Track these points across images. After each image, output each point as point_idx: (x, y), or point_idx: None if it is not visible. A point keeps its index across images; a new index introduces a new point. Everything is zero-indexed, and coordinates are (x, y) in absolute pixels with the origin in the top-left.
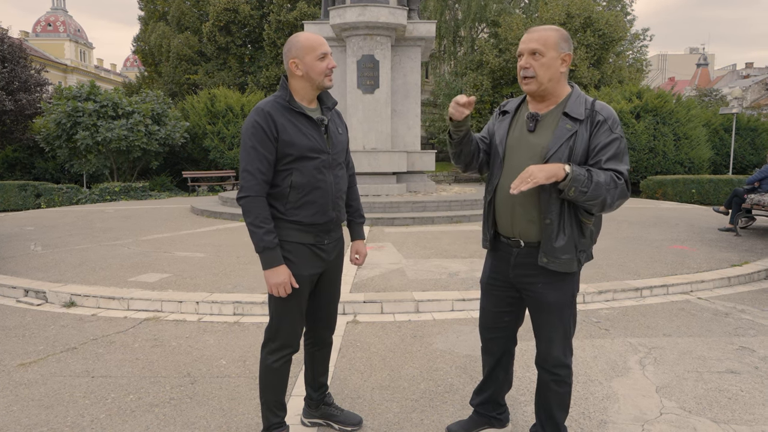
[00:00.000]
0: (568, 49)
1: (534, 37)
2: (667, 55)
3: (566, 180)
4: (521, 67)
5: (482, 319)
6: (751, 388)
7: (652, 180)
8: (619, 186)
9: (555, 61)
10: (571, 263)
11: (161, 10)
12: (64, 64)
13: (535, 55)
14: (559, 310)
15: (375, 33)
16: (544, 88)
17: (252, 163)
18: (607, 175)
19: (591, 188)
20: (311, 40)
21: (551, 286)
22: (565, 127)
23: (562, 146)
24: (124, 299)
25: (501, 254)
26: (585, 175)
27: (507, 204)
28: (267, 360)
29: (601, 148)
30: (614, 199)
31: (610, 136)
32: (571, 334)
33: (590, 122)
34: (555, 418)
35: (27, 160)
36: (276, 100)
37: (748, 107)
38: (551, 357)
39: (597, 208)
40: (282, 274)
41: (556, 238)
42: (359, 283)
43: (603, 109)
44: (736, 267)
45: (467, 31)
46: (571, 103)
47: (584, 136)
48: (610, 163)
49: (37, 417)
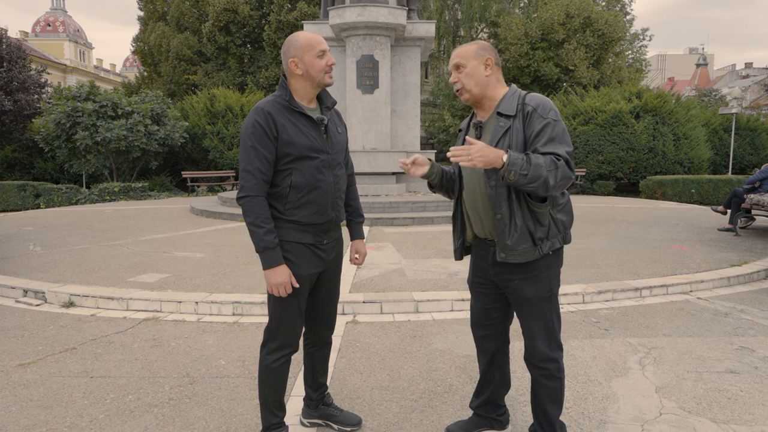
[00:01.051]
0: (488, 54)
1: (456, 53)
2: (667, 55)
3: (504, 165)
4: (452, 82)
5: (473, 317)
6: (751, 388)
7: (651, 180)
8: (560, 166)
9: (477, 68)
10: (530, 253)
11: (161, 10)
12: (64, 64)
13: (459, 68)
14: (538, 304)
15: (374, 33)
16: (475, 93)
17: (252, 162)
18: (546, 157)
19: (530, 170)
20: (309, 38)
21: (527, 281)
22: (498, 125)
23: (499, 143)
24: (123, 299)
25: (480, 254)
26: (523, 158)
27: (473, 209)
28: (266, 360)
29: (535, 135)
30: (557, 180)
31: (542, 123)
32: (556, 328)
33: (522, 115)
34: (549, 414)
35: (26, 161)
36: (276, 100)
37: (748, 107)
38: (537, 352)
39: (541, 190)
40: (282, 274)
41: (508, 233)
42: (359, 283)
43: (532, 99)
44: (735, 267)
45: (467, 31)
46: (503, 103)
47: (519, 128)
48: (548, 147)
49: (35, 417)
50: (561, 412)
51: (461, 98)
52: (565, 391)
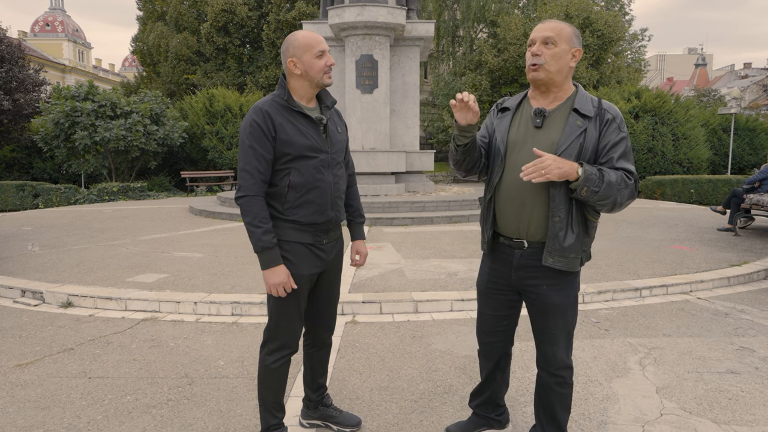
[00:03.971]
0: (579, 45)
1: (549, 26)
2: (666, 56)
3: (579, 180)
4: (533, 53)
5: (480, 323)
6: (752, 389)
7: (650, 180)
8: (629, 186)
9: (566, 53)
10: (576, 262)
11: (159, 10)
12: (63, 64)
13: (547, 44)
14: (564, 311)
15: (374, 33)
16: (551, 78)
17: (250, 162)
18: (618, 174)
19: (603, 188)
20: (309, 38)
21: (556, 287)
22: (575, 124)
23: (573, 143)
24: (121, 300)
25: (501, 256)
26: (597, 175)
27: (512, 202)
28: (266, 360)
29: (612, 146)
30: (624, 200)
31: (619, 135)
32: (573, 334)
33: (599, 120)
34: (558, 420)
35: (25, 160)
36: (274, 99)
37: (747, 107)
38: (556, 360)
39: (607, 207)
40: (281, 274)
41: (564, 237)
42: (358, 284)
43: (611, 108)
44: (735, 267)
45: (466, 31)
46: (579, 100)
47: (594, 133)
48: (621, 162)
49: (33, 418)
50: (569, 417)
51: (531, 74)
52: None
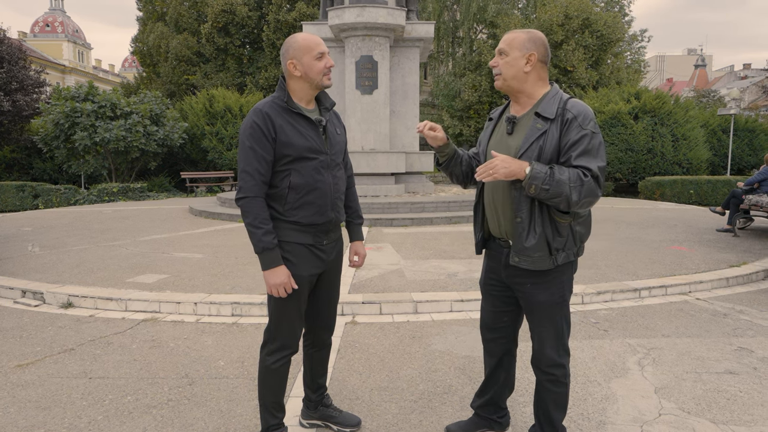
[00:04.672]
0: (534, 50)
1: (503, 39)
2: (665, 56)
3: (526, 178)
4: (491, 66)
5: (483, 319)
6: (750, 389)
7: (650, 181)
8: (585, 183)
9: (518, 60)
10: (543, 261)
11: (159, 10)
12: (62, 64)
13: (501, 54)
14: (549, 309)
15: (373, 34)
16: (509, 85)
17: (250, 163)
18: (573, 172)
19: (552, 185)
20: (308, 40)
21: (540, 286)
22: (535, 127)
23: (532, 145)
24: (122, 300)
25: (494, 255)
26: (546, 173)
27: (490, 205)
28: (266, 361)
29: (571, 144)
30: (581, 197)
31: (579, 133)
32: (565, 335)
33: (561, 121)
34: (552, 419)
35: (25, 161)
36: (274, 101)
37: (746, 108)
38: (544, 357)
39: (562, 205)
40: (281, 274)
41: (526, 237)
42: (358, 284)
43: (574, 106)
44: (734, 268)
45: (465, 31)
46: (543, 103)
47: (555, 134)
48: (580, 160)
49: (34, 418)
50: (564, 417)
51: (496, 83)
52: None
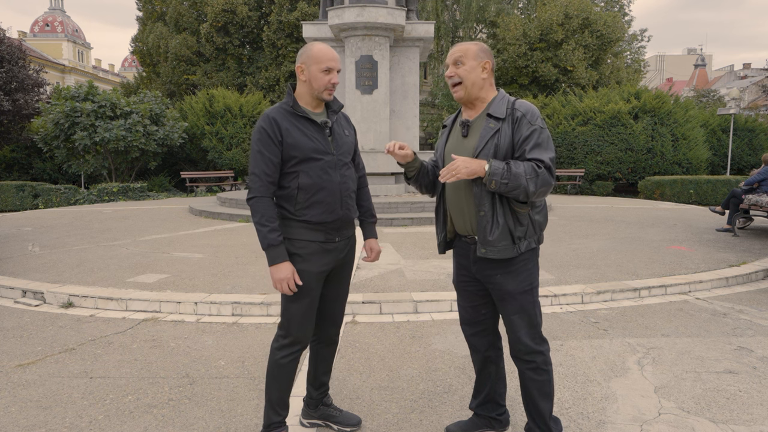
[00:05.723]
0: (488, 59)
1: (456, 49)
2: (665, 56)
3: (486, 175)
4: (447, 76)
5: (462, 316)
6: (749, 388)
7: (650, 180)
8: (540, 174)
9: (475, 68)
10: (508, 250)
11: (159, 10)
12: (62, 64)
13: (457, 64)
14: (520, 297)
15: (373, 33)
16: (469, 92)
17: (258, 166)
18: (527, 165)
19: (510, 179)
20: (322, 52)
21: (508, 275)
22: (488, 126)
23: (488, 143)
24: (122, 300)
25: (462, 252)
26: (503, 168)
27: (454, 205)
28: (276, 355)
29: (523, 140)
30: (537, 187)
31: (530, 129)
32: (538, 323)
33: (511, 119)
34: (540, 409)
35: (25, 161)
36: (281, 107)
37: (746, 108)
38: (521, 344)
39: (522, 196)
40: (285, 269)
41: (490, 229)
42: (358, 284)
43: (521, 105)
44: (734, 267)
45: (466, 31)
46: (494, 105)
47: (507, 132)
48: (533, 153)
49: (35, 418)
50: (553, 407)
51: (455, 95)
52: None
